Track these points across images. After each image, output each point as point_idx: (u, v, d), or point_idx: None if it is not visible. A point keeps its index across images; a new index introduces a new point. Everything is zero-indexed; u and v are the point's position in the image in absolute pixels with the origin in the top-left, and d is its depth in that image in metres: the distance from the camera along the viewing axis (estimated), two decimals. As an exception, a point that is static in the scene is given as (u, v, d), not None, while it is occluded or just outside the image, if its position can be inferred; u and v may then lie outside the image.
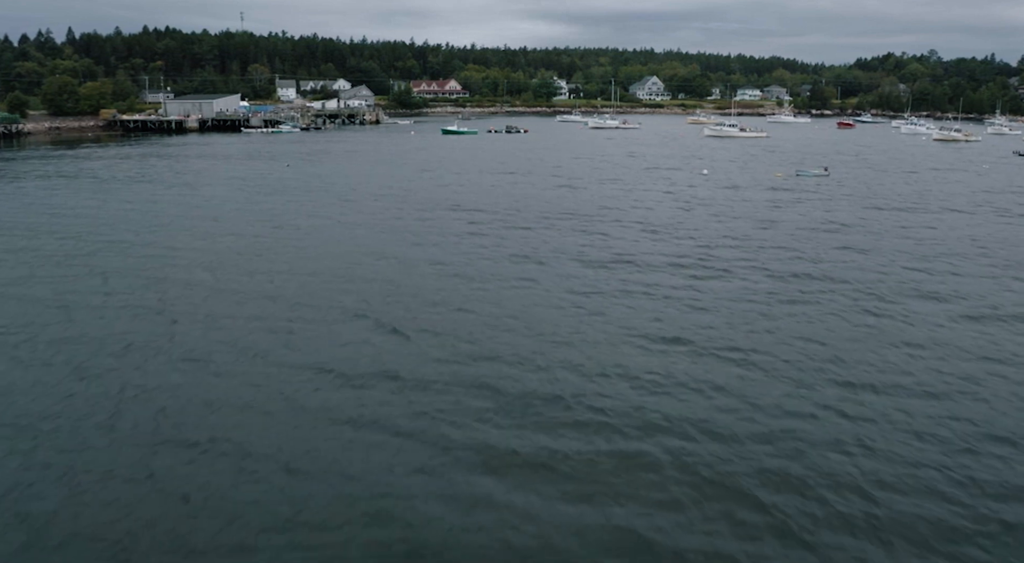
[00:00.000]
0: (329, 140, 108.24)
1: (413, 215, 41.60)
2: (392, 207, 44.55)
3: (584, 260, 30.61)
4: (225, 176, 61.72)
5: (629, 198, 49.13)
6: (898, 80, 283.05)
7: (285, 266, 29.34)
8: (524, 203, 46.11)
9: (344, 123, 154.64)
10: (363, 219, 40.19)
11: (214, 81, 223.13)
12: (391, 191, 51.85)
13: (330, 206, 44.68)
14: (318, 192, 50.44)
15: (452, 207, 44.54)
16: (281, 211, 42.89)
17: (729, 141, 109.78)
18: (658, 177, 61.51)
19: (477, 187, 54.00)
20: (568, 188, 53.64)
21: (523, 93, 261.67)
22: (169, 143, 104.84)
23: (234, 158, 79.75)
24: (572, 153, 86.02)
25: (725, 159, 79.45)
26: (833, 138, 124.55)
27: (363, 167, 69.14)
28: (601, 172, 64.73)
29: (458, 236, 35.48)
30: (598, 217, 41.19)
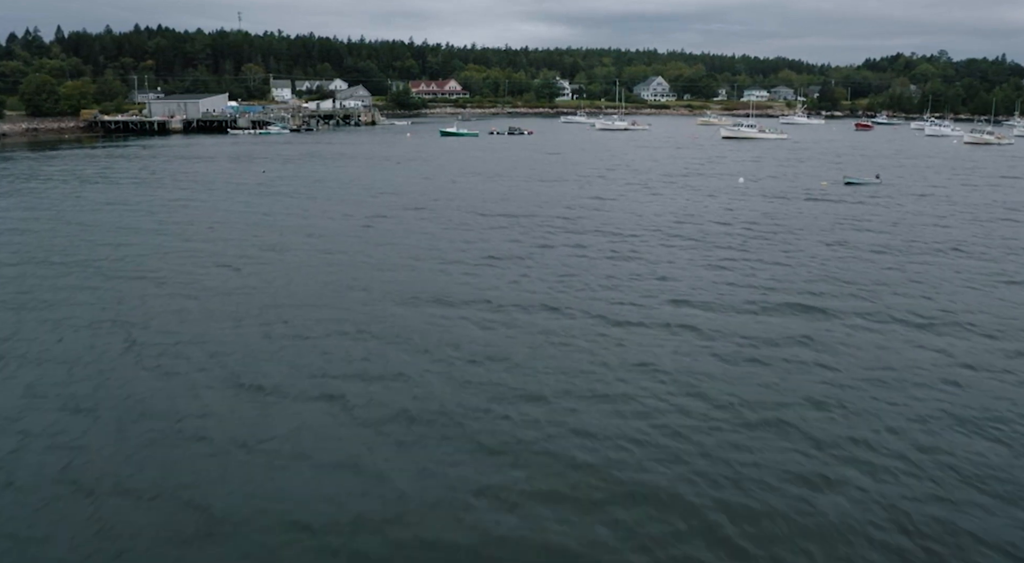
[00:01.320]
0: (319, 142, 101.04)
1: (398, 245, 34.23)
2: (367, 230, 37.28)
3: (641, 306, 23.33)
4: (191, 182, 54.50)
5: (668, 210, 41.91)
6: (909, 81, 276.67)
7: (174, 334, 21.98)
8: (545, 217, 38.86)
9: (339, 124, 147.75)
10: (314, 262, 30.29)
11: (206, 81, 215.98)
12: (371, 201, 44.61)
13: (282, 235, 35.54)
14: (278, 215, 42.80)
15: (460, 226, 37.25)
16: (220, 236, 35.57)
17: (748, 143, 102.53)
18: (689, 186, 54.19)
19: (482, 195, 46.71)
20: (598, 199, 46.29)
21: (525, 94, 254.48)
22: (149, 145, 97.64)
23: (211, 161, 72.50)
24: (584, 157, 78.69)
25: (752, 164, 72.19)
26: (854, 140, 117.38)
27: (349, 172, 61.84)
28: (625, 180, 57.29)
29: (473, 269, 28.13)
30: (642, 236, 34.00)
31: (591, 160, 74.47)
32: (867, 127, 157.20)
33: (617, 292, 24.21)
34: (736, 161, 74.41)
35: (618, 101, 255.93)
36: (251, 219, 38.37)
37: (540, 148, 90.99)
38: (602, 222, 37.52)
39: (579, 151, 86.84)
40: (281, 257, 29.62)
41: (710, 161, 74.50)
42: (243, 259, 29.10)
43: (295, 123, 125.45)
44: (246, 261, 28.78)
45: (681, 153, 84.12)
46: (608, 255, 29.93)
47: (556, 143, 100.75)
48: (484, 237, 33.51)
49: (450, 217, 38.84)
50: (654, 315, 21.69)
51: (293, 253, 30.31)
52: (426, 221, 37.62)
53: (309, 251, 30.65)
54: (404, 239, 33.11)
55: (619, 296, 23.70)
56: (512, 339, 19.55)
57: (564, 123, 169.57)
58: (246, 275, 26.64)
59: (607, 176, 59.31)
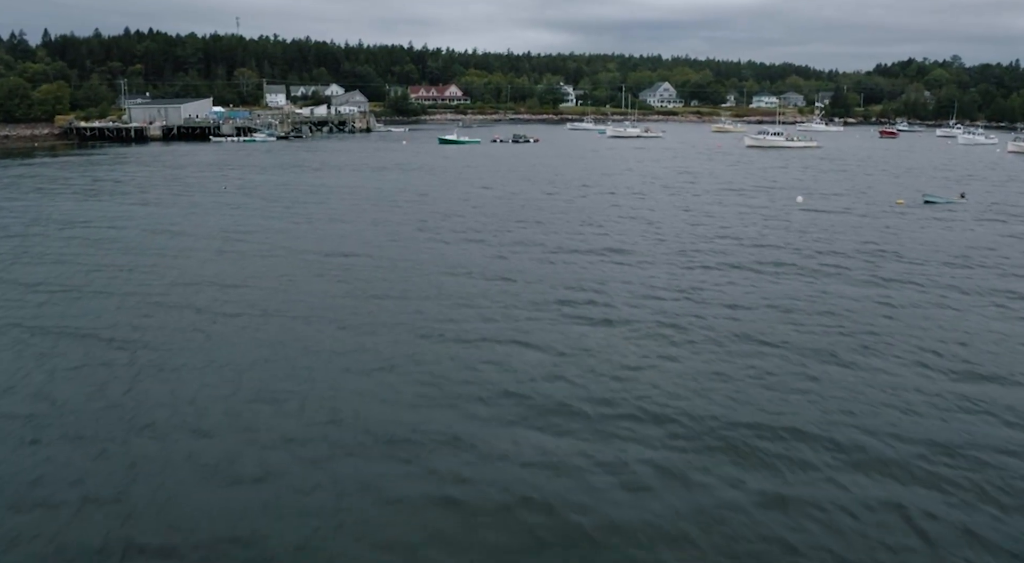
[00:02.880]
0: (307, 151, 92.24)
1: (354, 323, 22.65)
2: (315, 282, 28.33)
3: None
4: (127, 203, 45.59)
5: (745, 238, 33.03)
6: (924, 87, 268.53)
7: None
8: (595, 253, 29.92)
9: (332, 131, 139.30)
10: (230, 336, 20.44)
11: (197, 86, 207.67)
12: (342, 232, 35.72)
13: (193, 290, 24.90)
14: (203, 254, 33.50)
15: (464, 257, 28.31)
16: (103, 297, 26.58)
17: (778, 153, 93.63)
18: (746, 204, 45.17)
19: (493, 219, 37.77)
20: (653, 230, 37.22)
21: (528, 99, 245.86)
22: (120, 154, 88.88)
23: (174, 174, 63.52)
24: (606, 168, 69.57)
25: (796, 176, 63.26)
26: (885, 148, 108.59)
27: (323, 188, 52.92)
28: (671, 201, 47.80)
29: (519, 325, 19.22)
30: (735, 280, 25.22)
31: (616, 173, 65.44)
32: (892, 134, 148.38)
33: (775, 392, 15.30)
34: (775, 172, 65.51)
35: (624, 107, 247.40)
36: (147, 258, 29.22)
37: (550, 157, 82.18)
38: (678, 264, 28.46)
39: (596, 162, 77.77)
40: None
41: (750, 174, 65.32)
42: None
43: (283, 130, 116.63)
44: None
45: (713, 166, 74.81)
46: (726, 330, 20.90)
47: (567, 152, 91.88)
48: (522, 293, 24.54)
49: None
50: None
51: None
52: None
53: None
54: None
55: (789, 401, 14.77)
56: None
57: (570, 130, 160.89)
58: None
59: (645, 194, 50.09)
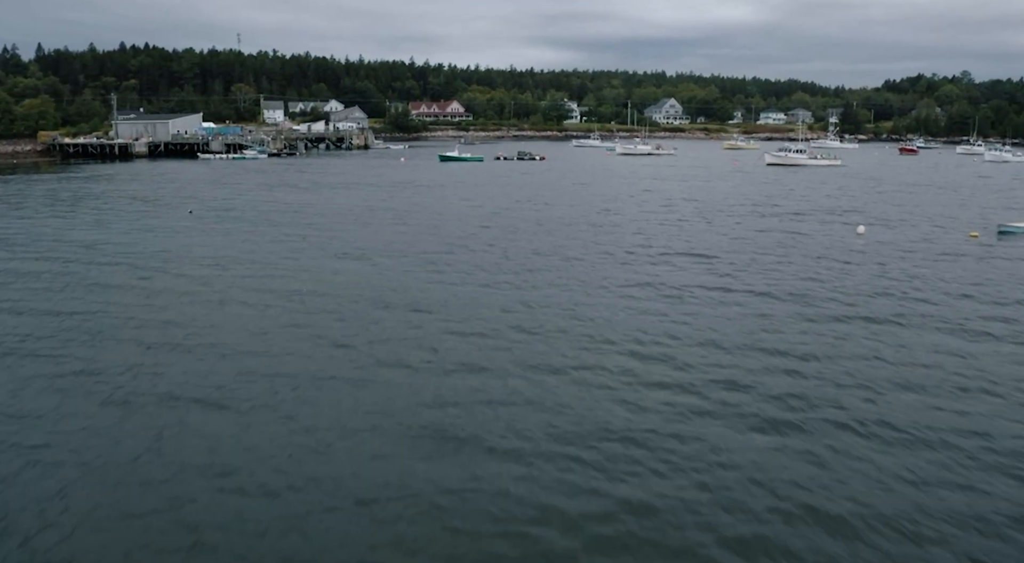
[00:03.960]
0: (298, 169, 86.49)
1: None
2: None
3: None
4: (70, 226, 39.65)
5: (811, 286, 26.86)
6: (935, 102, 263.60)
7: None
8: (649, 301, 23.78)
9: (329, 148, 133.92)
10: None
11: (193, 101, 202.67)
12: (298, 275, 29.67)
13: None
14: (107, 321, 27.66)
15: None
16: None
17: (800, 171, 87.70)
18: (790, 233, 38.99)
19: (512, 250, 31.64)
20: (699, 261, 31.07)
21: (532, 116, 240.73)
22: (98, 173, 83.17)
23: (145, 194, 57.61)
24: (621, 189, 63.18)
25: (834, 199, 57.11)
26: (909, 166, 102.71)
27: (304, 209, 46.94)
28: (708, 228, 41.53)
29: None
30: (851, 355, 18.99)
31: (638, 194, 59.33)
32: (912, 151, 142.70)
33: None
34: (808, 193, 59.40)
35: (630, 124, 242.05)
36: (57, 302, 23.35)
37: (560, 177, 76.29)
38: (751, 312, 22.37)
39: (613, 182, 71.59)
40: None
41: (784, 196, 58.93)
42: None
43: (275, 147, 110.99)
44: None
45: (738, 186, 68.66)
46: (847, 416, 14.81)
47: (578, 171, 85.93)
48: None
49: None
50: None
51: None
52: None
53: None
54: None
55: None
56: None
57: (576, 147, 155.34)
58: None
59: (682, 220, 43.90)
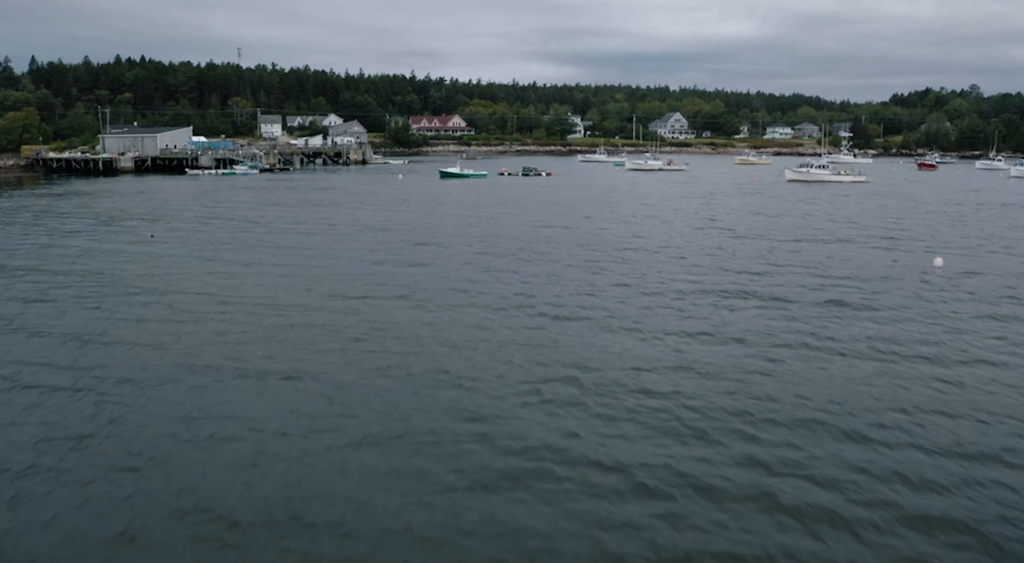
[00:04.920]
0: (290, 185, 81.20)
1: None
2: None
3: None
4: (5, 250, 34.15)
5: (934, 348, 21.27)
6: (945, 117, 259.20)
7: None
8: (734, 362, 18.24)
9: (325, 163, 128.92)
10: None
11: (188, 115, 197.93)
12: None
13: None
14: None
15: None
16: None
17: (824, 188, 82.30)
18: (855, 263, 33.34)
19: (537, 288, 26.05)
20: (766, 306, 25.57)
21: (535, 130, 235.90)
22: (75, 189, 77.91)
23: (113, 213, 52.17)
24: (644, 210, 57.37)
25: (878, 220, 51.57)
26: (934, 182, 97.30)
27: (271, 242, 41.45)
28: (767, 258, 35.54)
29: None
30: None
31: (665, 215, 53.79)
32: (932, 167, 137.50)
33: None
34: (847, 213, 53.82)
35: (635, 138, 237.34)
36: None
37: (570, 194, 70.86)
38: (857, 379, 16.82)
39: (632, 201, 65.68)
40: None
41: (826, 218, 53.08)
42: None
43: (268, 162, 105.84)
44: None
45: (768, 206, 62.54)
46: None
47: (589, 188, 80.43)
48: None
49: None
50: None
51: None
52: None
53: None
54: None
55: None
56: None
57: (582, 162, 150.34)
58: None
59: (722, 249, 38.25)
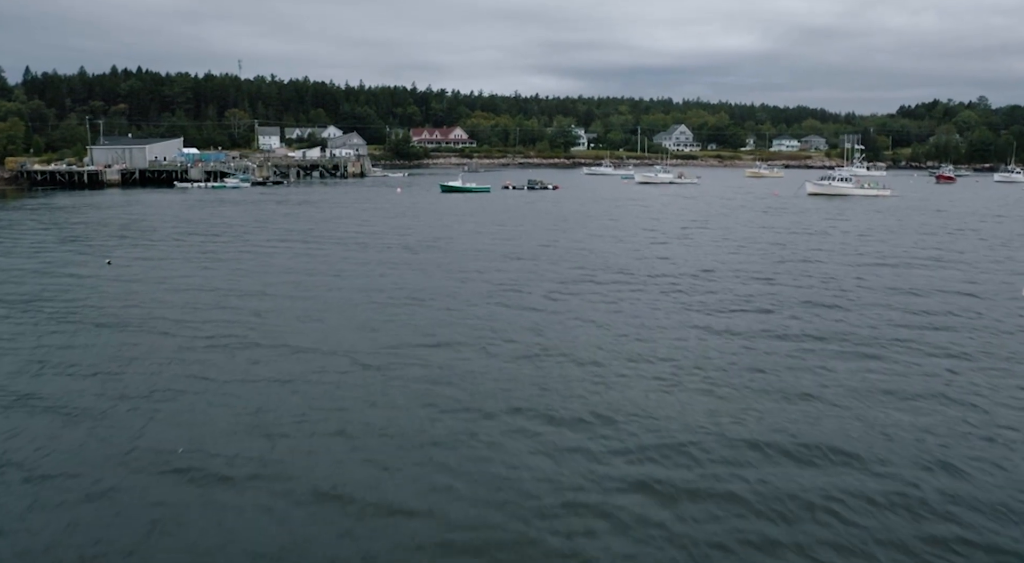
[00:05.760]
0: (281, 200, 76.46)
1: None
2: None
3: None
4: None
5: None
6: (954, 128, 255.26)
7: None
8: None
9: (323, 175, 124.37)
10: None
11: (184, 126, 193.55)
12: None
13: None
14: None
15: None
16: None
17: (853, 203, 77.48)
18: (938, 291, 28.51)
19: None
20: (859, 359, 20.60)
21: (538, 143, 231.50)
22: (51, 203, 73.21)
23: (82, 229, 47.31)
24: (669, 228, 52.54)
25: (932, 238, 46.66)
26: (960, 195, 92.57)
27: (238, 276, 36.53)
28: (810, 283, 31.43)
29: None
30: None
31: (695, 236, 48.88)
32: (950, 180, 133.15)
33: None
34: (889, 231, 48.91)
35: (640, 151, 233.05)
36: None
37: (581, 210, 66.01)
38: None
39: (652, 217, 60.45)
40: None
41: (865, 235, 48.23)
42: None
43: (261, 174, 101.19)
44: None
45: (800, 223, 57.52)
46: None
47: (600, 203, 75.53)
48: None
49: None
50: None
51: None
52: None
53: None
54: None
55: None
56: None
57: (588, 175, 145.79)
58: None
59: (771, 278, 33.59)
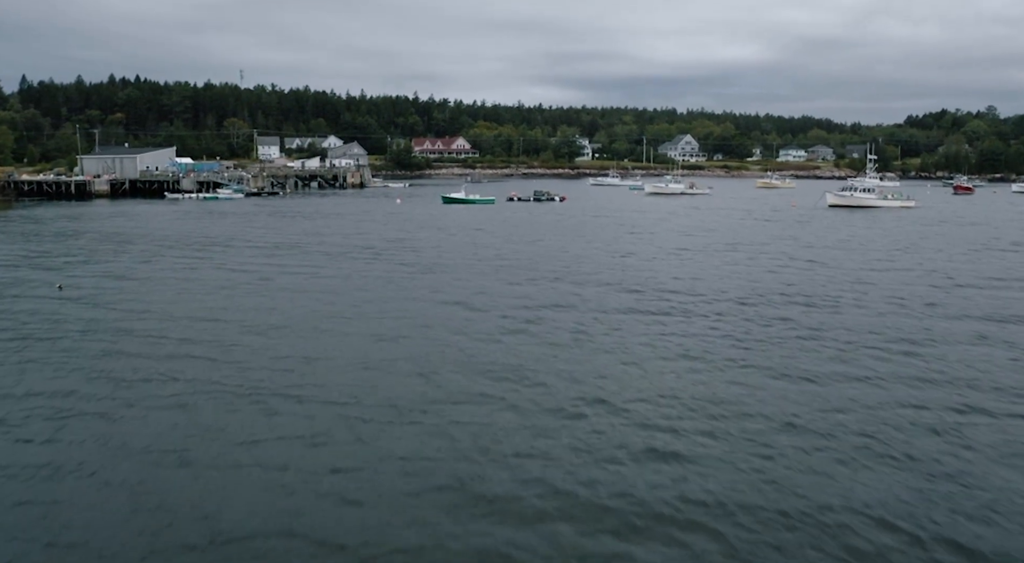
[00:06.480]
0: (272, 212, 72.57)
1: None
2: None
3: None
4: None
5: None
6: (964, 138, 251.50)
7: None
8: None
9: (321, 186, 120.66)
10: None
11: (182, 136, 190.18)
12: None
13: None
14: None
15: None
16: None
17: (880, 215, 73.50)
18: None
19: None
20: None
21: (542, 153, 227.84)
22: (30, 215, 69.34)
23: (46, 245, 43.32)
24: (699, 243, 48.61)
25: (985, 253, 42.51)
26: (988, 206, 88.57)
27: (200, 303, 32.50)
28: (900, 313, 27.32)
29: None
30: None
31: (731, 254, 44.83)
32: (968, 190, 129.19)
33: None
34: (930, 248, 44.82)
35: (645, 161, 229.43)
36: None
37: (595, 222, 61.96)
38: None
39: (675, 232, 56.30)
40: None
41: (910, 252, 44.38)
42: None
43: (255, 185, 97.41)
44: None
45: (836, 236, 53.30)
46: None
47: (614, 215, 71.34)
48: None
49: None
50: None
51: None
52: None
53: None
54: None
55: None
56: None
57: (594, 185, 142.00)
58: None
59: (850, 305, 29.54)
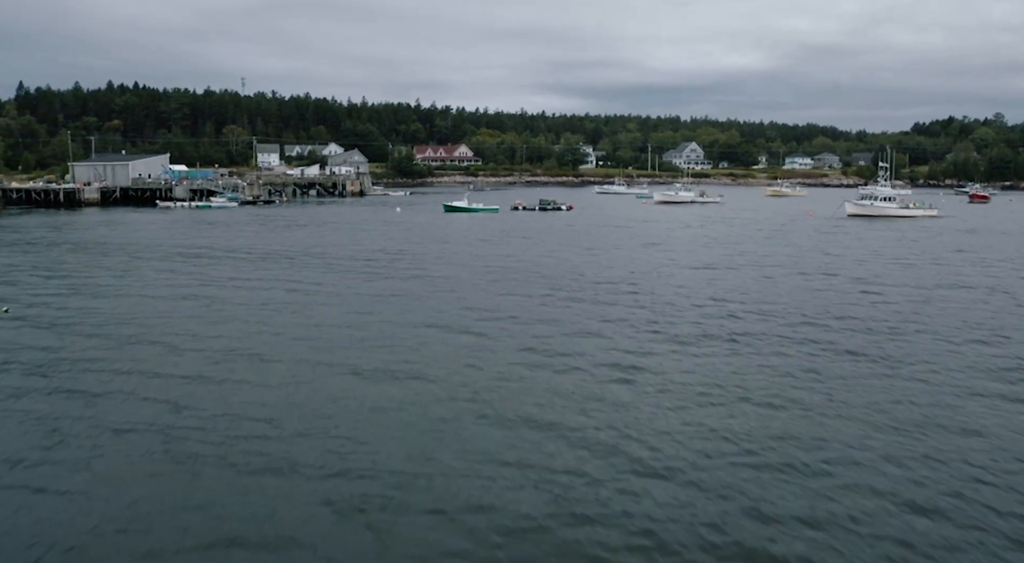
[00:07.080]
0: (264, 222, 69.26)
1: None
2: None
3: None
4: None
5: None
6: (972, 146, 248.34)
7: None
8: None
9: (320, 194, 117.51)
10: None
11: (181, 143, 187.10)
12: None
13: None
14: None
15: None
16: None
17: (905, 225, 70.19)
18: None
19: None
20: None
21: (545, 160, 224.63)
22: (9, 224, 66.06)
23: (11, 259, 40.03)
24: (733, 259, 45.35)
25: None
26: (1004, 216, 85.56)
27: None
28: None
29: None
30: None
31: (772, 272, 41.46)
32: (984, 198, 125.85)
33: None
34: (975, 263, 41.33)
35: (649, 168, 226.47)
36: None
37: (609, 235, 58.55)
38: None
39: (696, 243, 53.13)
40: None
41: (955, 266, 40.98)
42: None
43: (251, 193, 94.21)
44: None
45: (871, 249, 49.88)
46: None
47: (626, 226, 67.72)
48: None
49: None
50: None
51: None
52: None
53: None
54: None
55: None
56: None
57: (599, 194, 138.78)
58: None
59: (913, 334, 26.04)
